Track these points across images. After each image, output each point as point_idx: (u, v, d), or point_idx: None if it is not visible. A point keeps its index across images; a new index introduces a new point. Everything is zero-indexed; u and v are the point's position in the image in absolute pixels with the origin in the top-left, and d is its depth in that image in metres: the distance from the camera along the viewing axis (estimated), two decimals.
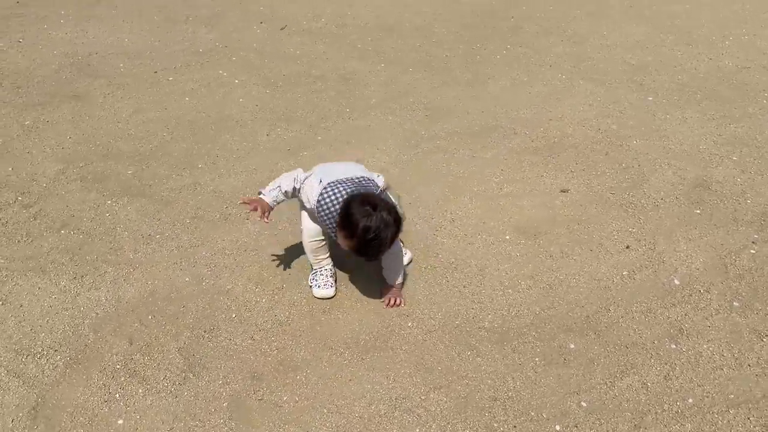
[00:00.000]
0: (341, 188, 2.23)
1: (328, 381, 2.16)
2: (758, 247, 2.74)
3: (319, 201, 2.24)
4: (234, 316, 2.42)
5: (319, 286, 2.49)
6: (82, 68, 4.41)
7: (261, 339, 2.32)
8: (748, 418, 1.99)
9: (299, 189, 2.39)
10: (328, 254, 2.51)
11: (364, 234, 2.09)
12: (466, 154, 3.51)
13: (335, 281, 2.52)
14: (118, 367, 2.20)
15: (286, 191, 2.40)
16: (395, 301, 2.45)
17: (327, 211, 2.22)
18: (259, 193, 2.43)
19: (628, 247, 2.76)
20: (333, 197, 2.22)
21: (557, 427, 2.00)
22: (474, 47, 4.90)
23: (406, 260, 2.60)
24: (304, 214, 2.43)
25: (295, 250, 2.74)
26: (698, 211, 2.98)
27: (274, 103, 4.04)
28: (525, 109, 3.97)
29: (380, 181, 2.38)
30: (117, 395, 2.11)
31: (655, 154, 3.43)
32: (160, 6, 5.63)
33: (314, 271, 2.52)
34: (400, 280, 2.47)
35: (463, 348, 2.28)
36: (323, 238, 2.44)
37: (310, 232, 2.43)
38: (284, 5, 5.73)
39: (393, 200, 2.24)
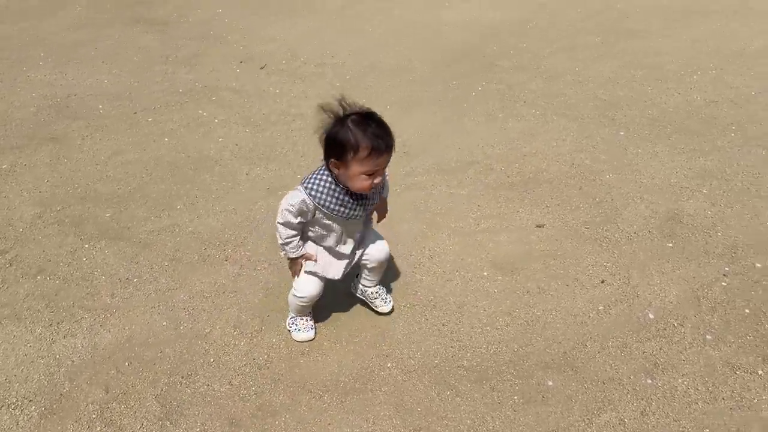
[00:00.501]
0: (314, 171, 2.17)
1: (307, 426, 2.15)
2: (729, 279, 2.79)
3: (307, 188, 2.11)
4: (212, 360, 2.40)
5: (299, 330, 2.49)
6: (60, 110, 4.43)
7: (239, 384, 2.30)
8: None
9: (298, 212, 2.18)
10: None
11: (365, 129, 1.96)
12: (444, 191, 3.56)
13: (314, 323, 2.53)
14: (93, 416, 2.17)
15: (295, 228, 2.23)
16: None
17: (320, 187, 2.11)
18: (290, 259, 2.32)
19: (603, 282, 2.81)
20: (315, 176, 2.13)
21: None
22: (450, 84, 5.00)
23: (387, 309, 2.60)
24: (306, 277, 2.35)
25: (274, 291, 2.74)
26: (671, 245, 3.04)
27: (253, 142, 4.07)
28: (500, 144, 4.04)
29: None
30: None
31: (627, 188, 3.50)
32: (140, 47, 5.69)
33: (293, 317, 2.52)
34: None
35: (442, 388, 2.29)
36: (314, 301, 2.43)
37: (310, 296, 2.36)
38: (263, 45, 5.82)
39: None
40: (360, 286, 2.59)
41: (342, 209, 2.15)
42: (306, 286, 2.36)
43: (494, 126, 4.30)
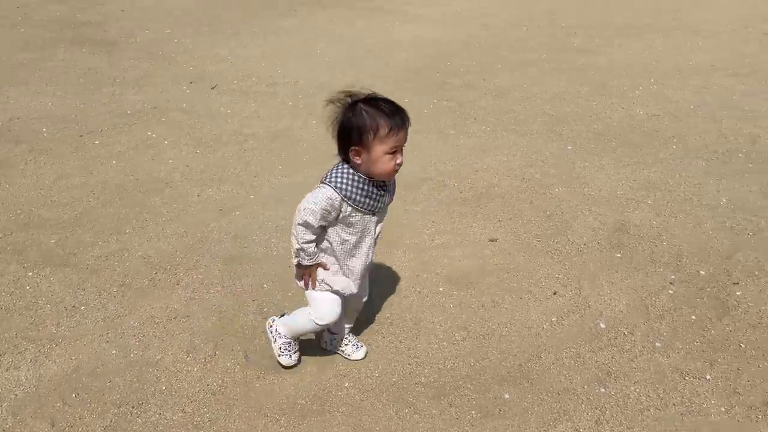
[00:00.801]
0: (331, 170, 2.08)
1: None
2: (675, 287, 2.88)
3: (332, 183, 2.02)
4: (164, 388, 2.34)
5: (291, 354, 2.40)
6: (2, 134, 4.28)
7: (193, 411, 2.24)
8: None
9: (322, 212, 2.06)
10: None
11: (378, 108, 1.95)
12: (398, 207, 3.57)
13: None
14: None
15: (314, 233, 2.10)
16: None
17: (345, 180, 2.03)
18: (297, 265, 2.19)
19: (555, 293, 2.86)
20: (336, 171, 2.04)
21: None
22: (402, 102, 5.03)
23: (360, 355, 2.49)
24: (330, 301, 2.22)
25: (227, 315, 2.69)
26: (619, 255, 3.13)
27: (204, 163, 4.01)
28: (452, 161, 4.10)
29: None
30: None
31: (576, 201, 3.59)
32: (86, 69, 5.56)
33: (289, 341, 2.39)
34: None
35: (400, 406, 2.28)
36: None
37: (334, 320, 2.25)
38: (214, 65, 5.78)
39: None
40: (329, 336, 2.51)
41: (368, 201, 2.08)
42: (332, 310, 2.22)
43: (446, 143, 4.36)
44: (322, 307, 2.23)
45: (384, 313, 2.74)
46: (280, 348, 2.40)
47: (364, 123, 1.96)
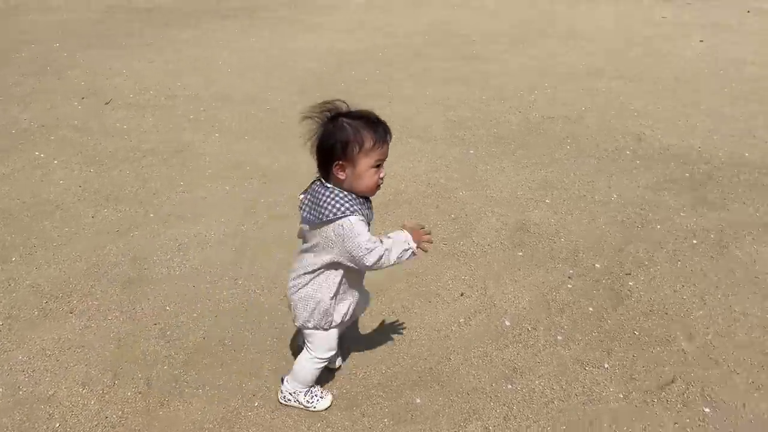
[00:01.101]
0: (325, 199, 1.95)
1: None
2: (574, 281, 3.02)
3: (349, 210, 1.90)
4: (58, 425, 2.18)
5: (322, 397, 2.30)
6: None
7: None
8: None
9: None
10: None
11: (361, 121, 1.90)
12: None
13: None
14: None
15: (375, 241, 1.94)
16: None
17: (349, 202, 1.92)
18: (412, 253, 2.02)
19: (462, 295, 2.91)
20: (335, 198, 1.92)
21: None
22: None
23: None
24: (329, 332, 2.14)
25: (127, 341, 2.56)
26: (521, 253, 3.24)
27: (99, 182, 3.81)
28: None
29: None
30: None
31: (479, 204, 3.69)
32: None
33: (308, 390, 2.27)
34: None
35: (312, 420, 2.24)
36: None
37: (335, 349, 2.20)
38: (108, 79, 5.52)
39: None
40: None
41: (369, 212, 2.01)
42: (330, 343, 2.16)
43: None
44: (321, 343, 2.15)
45: (293, 327, 2.69)
46: (308, 401, 2.27)
47: (348, 136, 1.90)
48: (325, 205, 1.92)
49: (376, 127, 1.94)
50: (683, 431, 2.19)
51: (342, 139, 1.90)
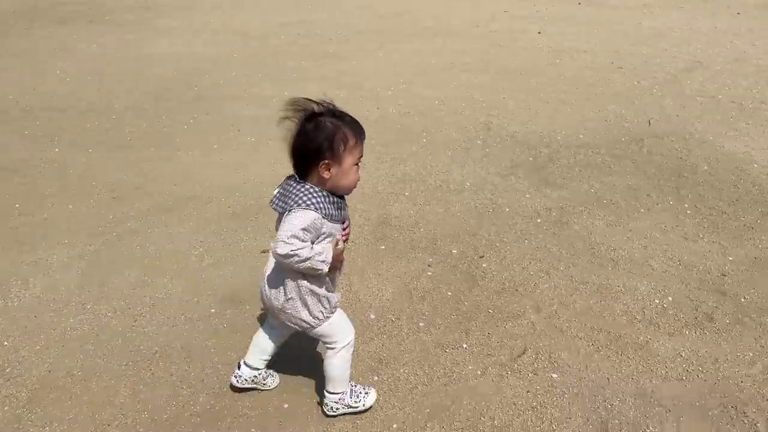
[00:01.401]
0: (298, 192, 1.91)
1: None
2: (433, 269, 3.13)
3: (312, 205, 1.88)
4: None
5: (367, 393, 2.28)
6: None
7: None
8: (442, 427, 2.24)
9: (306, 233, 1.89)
10: None
11: (342, 119, 1.92)
12: (162, 232, 3.39)
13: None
14: None
15: (303, 244, 1.89)
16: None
17: (319, 200, 1.91)
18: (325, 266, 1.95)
19: None
20: (306, 192, 1.91)
21: None
22: (159, 119, 4.80)
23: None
24: (341, 317, 2.15)
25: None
26: (383, 247, 3.31)
27: None
28: (219, 175, 4.00)
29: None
30: None
31: None
32: None
33: (349, 391, 2.24)
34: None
35: None
36: None
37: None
38: None
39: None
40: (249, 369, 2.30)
41: (340, 212, 2.00)
42: (347, 322, 2.19)
43: (211, 157, 4.24)
44: (344, 325, 2.17)
45: (151, 347, 2.57)
46: (354, 401, 2.25)
47: (333, 134, 1.89)
48: (293, 196, 1.92)
49: (355, 125, 1.97)
50: (535, 398, 2.36)
51: (328, 137, 1.90)
